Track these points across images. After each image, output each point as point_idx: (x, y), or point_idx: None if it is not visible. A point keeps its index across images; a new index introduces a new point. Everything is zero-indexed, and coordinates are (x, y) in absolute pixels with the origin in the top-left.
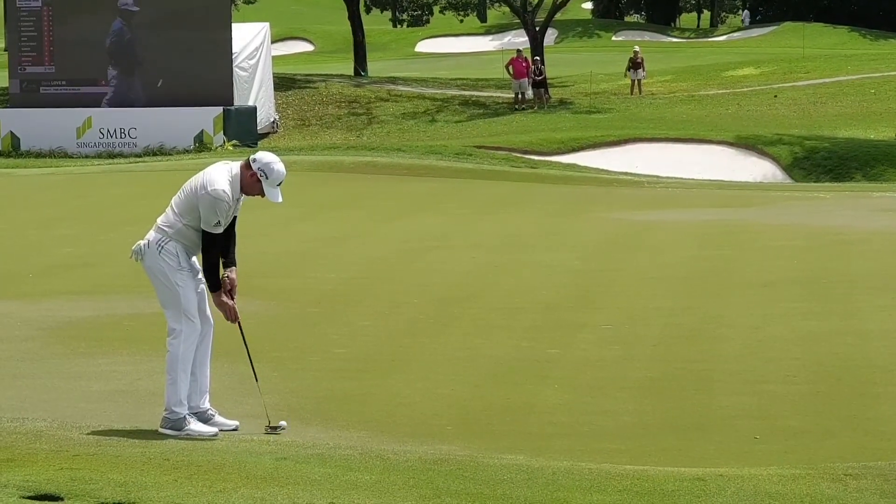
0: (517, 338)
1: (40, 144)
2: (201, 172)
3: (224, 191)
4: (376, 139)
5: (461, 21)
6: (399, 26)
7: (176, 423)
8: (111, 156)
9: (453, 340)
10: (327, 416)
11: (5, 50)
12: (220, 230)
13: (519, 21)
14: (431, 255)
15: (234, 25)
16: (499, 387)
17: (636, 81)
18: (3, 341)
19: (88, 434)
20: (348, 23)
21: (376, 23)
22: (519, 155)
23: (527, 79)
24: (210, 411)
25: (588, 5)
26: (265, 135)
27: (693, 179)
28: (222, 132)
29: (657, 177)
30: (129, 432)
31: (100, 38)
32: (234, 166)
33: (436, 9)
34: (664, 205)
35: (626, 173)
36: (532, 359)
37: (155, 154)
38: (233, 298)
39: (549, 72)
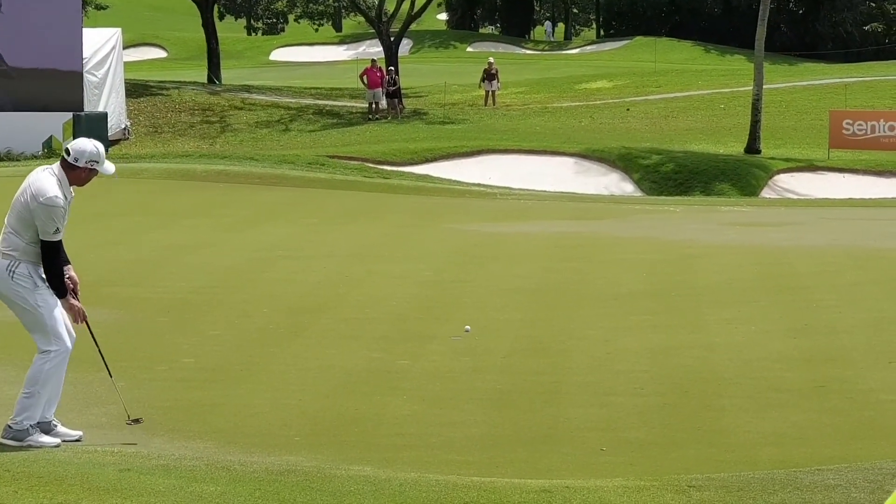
0: (367, 348)
1: None
2: (26, 184)
3: (56, 196)
4: (229, 147)
5: (316, 30)
6: (254, 34)
7: (18, 434)
8: None
9: (303, 350)
10: (174, 426)
11: None
12: (59, 237)
13: (374, 31)
14: (283, 265)
15: (84, 31)
16: (348, 397)
17: (490, 93)
18: None
19: None
20: (202, 30)
21: (230, 30)
22: (372, 165)
23: (381, 89)
24: (53, 422)
25: (443, 16)
26: (116, 141)
27: (545, 191)
28: (72, 138)
29: (510, 188)
30: None
31: None
32: (55, 168)
33: (291, 17)
34: (516, 217)
35: (478, 184)
36: (382, 370)
37: (2, 160)
38: (76, 297)
39: (404, 82)
